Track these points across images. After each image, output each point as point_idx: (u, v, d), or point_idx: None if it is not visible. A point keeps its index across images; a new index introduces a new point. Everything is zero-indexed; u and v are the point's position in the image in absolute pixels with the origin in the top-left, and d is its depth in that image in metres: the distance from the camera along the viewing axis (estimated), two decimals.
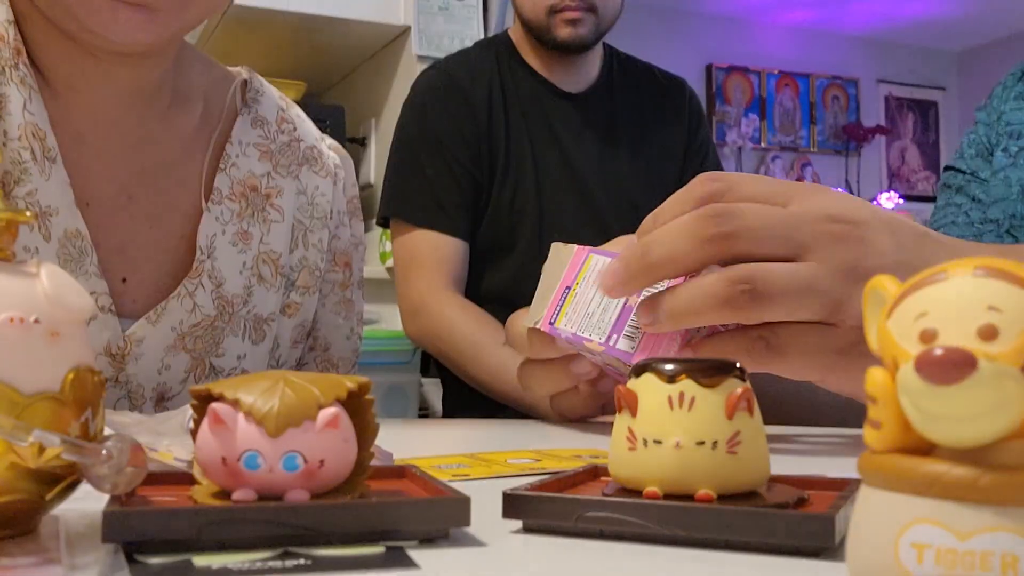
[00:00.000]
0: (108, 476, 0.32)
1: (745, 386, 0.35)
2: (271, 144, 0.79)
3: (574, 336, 0.61)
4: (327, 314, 0.83)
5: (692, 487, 0.34)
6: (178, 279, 0.71)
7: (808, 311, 0.53)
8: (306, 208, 0.80)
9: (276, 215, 0.77)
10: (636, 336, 0.59)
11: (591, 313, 0.61)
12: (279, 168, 0.78)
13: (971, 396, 0.21)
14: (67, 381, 0.33)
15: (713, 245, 0.53)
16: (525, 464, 0.53)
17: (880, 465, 0.23)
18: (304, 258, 0.79)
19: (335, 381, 0.34)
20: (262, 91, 0.81)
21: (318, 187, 0.81)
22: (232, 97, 0.79)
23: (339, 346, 0.84)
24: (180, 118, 0.75)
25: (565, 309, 0.63)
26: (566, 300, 0.63)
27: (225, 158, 0.75)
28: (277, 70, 2.25)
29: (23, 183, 0.65)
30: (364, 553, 0.31)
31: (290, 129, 0.81)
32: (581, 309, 0.62)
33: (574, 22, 1.32)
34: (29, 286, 0.33)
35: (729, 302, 0.52)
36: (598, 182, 1.38)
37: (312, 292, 0.80)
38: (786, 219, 0.54)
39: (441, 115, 1.35)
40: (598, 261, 0.63)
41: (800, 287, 0.52)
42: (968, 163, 1.12)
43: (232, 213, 0.74)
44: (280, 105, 0.82)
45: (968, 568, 0.21)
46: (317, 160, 0.82)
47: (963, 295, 0.22)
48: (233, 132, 0.77)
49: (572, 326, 0.62)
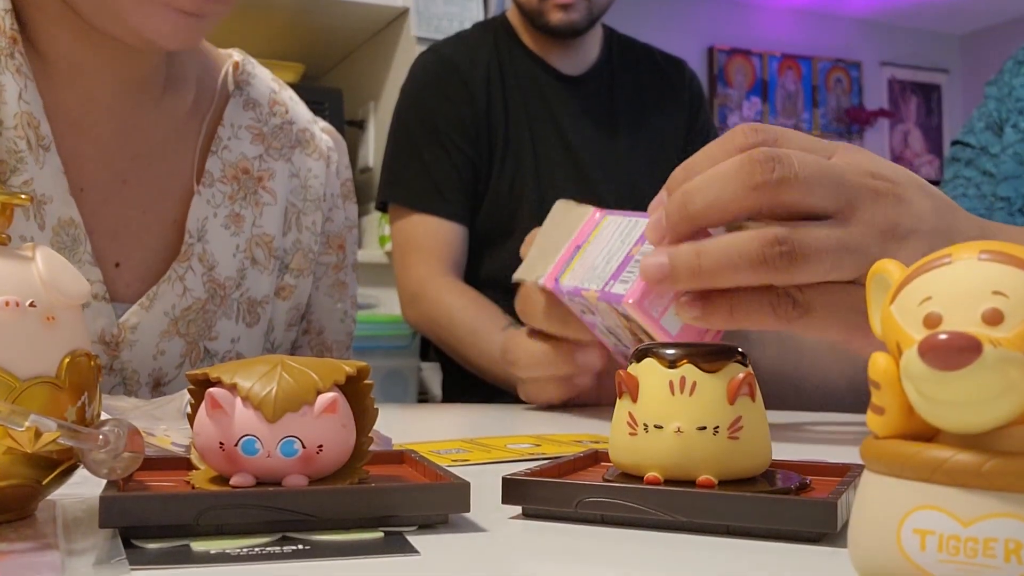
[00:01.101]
0: (105, 461, 0.32)
1: (747, 371, 0.34)
2: (263, 127, 0.79)
3: (575, 290, 0.61)
4: (321, 297, 0.83)
5: (693, 473, 0.34)
6: (170, 263, 0.72)
7: (843, 272, 0.51)
8: (299, 191, 0.80)
9: (268, 198, 0.77)
10: (631, 282, 0.58)
11: (596, 266, 0.61)
12: (271, 151, 0.78)
13: (975, 381, 0.21)
14: (63, 365, 0.33)
15: (762, 192, 0.51)
16: (525, 449, 0.53)
17: (883, 451, 0.23)
18: (298, 241, 0.79)
19: (333, 366, 0.34)
20: (254, 73, 0.81)
21: (311, 169, 0.81)
22: (224, 80, 0.79)
23: (333, 329, 0.85)
24: (173, 102, 0.75)
25: (572, 266, 0.63)
26: (574, 258, 0.63)
27: (217, 141, 0.76)
28: (275, 52, 2.24)
29: (19, 172, 0.65)
30: (363, 538, 0.31)
31: (282, 111, 0.81)
32: (587, 264, 0.61)
33: (566, 7, 1.31)
34: (25, 270, 0.33)
35: (765, 263, 0.50)
36: (597, 165, 1.37)
37: (306, 275, 0.80)
38: (834, 170, 0.52)
39: (438, 99, 1.34)
40: (613, 222, 0.63)
41: (837, 249, 0.50)
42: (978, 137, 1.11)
43: (224, 196, 0.74)
44: (272, 87, 0.82)
45: (971, 555, 0.21)
46: (310, 142, 0.82)
47: (968, 279, 0.22)
48: (225, 115, 0.77)
49: (575, 281, 0.61)
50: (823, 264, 0.51)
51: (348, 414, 0.34)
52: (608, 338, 0.65)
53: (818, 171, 0.51)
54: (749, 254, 0.51)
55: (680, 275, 0.53)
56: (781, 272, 0.51)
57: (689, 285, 0.53)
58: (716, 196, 0.52)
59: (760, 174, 0.50)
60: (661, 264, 0.53)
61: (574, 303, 0.63)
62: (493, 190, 1.33)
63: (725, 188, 0.52)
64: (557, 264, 0.64)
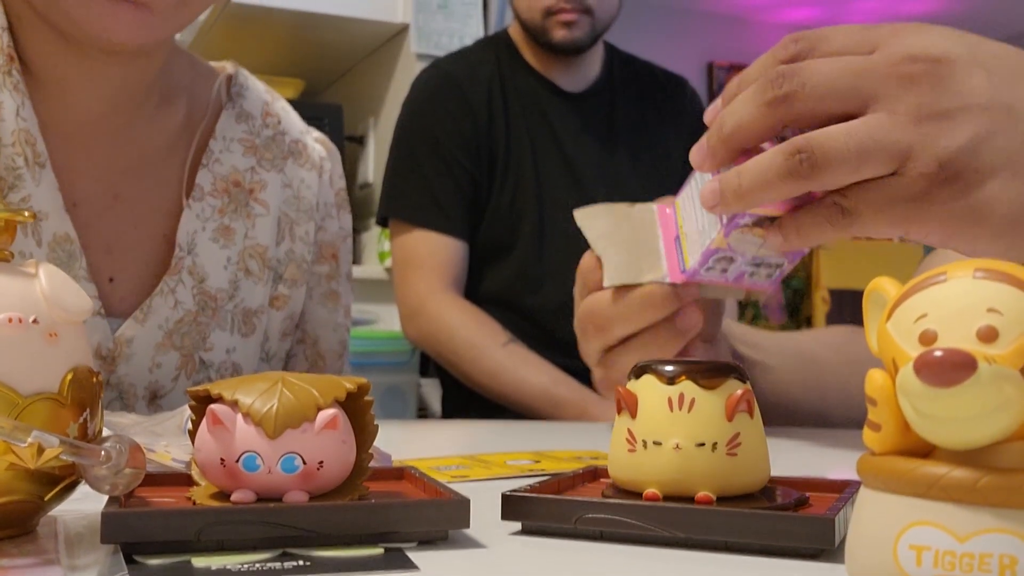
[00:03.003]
0: (107, 477, 0.32)
1: (745, 387, 0.35)
2: (256, 138, 0.79)
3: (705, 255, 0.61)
4: (314, 306, 0.84)
5: (692, 489, 0.34)
6: (162, 277, 0.72)
7: (873, 166, 0.51)
8: (292, 201, 0.81)
9: (261, 209, 0.78)
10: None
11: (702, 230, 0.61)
12: (264, 162, 0.79)
13: (970, 398, 0.21)
14: (66, 382, 0.33)
15: (774, 108, 0.52)
16: (524, 465, 0.53)
17: (879, 467, 0.23)
18: (291, 251, 0.80)
19: (334, 382, 0.34)
20: (247, 85, 0.82)
21: (303, 180, 0.82)
22: (217, 92, 0.79)
23: (326, 338, 0.85)
24: (165, 116, 0.76)
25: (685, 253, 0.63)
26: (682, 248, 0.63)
27: (208, 154, 0.76)
28: (275, 68, 2.25)
29: (17, 189, 0.66)
30: (363, 555, 0.31)
31: (275, 123, 0.81)
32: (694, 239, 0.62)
33: (569, 24, 1.32)
34: (28, 286, 0.33)
35: (792, 173, 0.51)
36: (598, 182, 1.37)
37: (300, 284, 0.81)
38: (854, 69, 0.52)
39: (440, 114, 1.34)
40: (684, 199, 0.63)
41: (860, 145, 0.50)
42: None
43: (213, 209, 0.75)
44: (265, 99, 0.83)
45: (967, 570, 0.21)
46: (302, 153, 0.83)
47: (963, 297, 0.22)
48: (217, 127, 0.77)
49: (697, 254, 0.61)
50: (848, 162, 0.50)
51: (348, 430, 0.34)
52: (757, 276, 0.63)
53: (831, 76, 0.52)
54: (777, 167, 0.52)
55: (728, 197, 0.54)
56: (808, 178, 0.51)
57: (737, 206, 0.55)
58: (740, 118, 0.54)
59: (771, 90, 0.52)
60: (712, 189, 0.55)
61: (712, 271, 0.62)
62: (494, 206, 1.34)
63: (746, 109, 0.53)
64: (669, 261, 0.64)
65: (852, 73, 0.52)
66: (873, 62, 0.51)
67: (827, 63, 0.52)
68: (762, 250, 0.60)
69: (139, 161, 0.74)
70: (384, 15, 2.08)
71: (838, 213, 0.53)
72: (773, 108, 0.52)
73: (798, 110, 0.52)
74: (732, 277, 0.63)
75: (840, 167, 0.51)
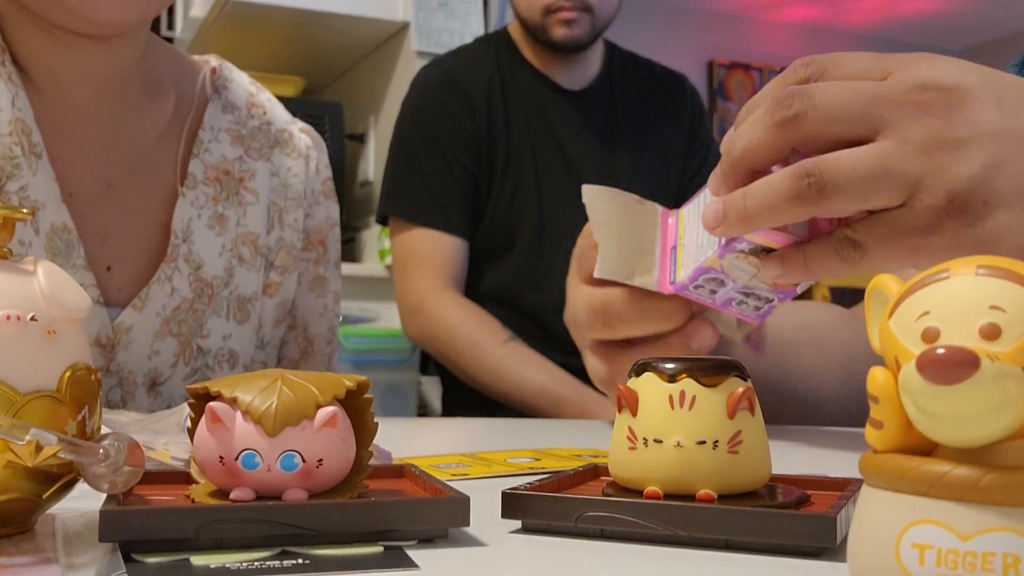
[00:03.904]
0: (105, 475, 0.32)
1: (746, 385, 0.35)
2: (242, 128, 0.81)
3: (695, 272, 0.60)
4: (302, 292, 0.85)
5: (693, 487, 0.34)
6: (158, 265, 0.73)
7: (882, 196, 0.50)
8: (280, 189, 0.82)
9: (251, 197, 0.79)
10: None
11: (700, 244, 0.60)
12: (251, 151, 0.81)
13: (973, 396, 0.21)
14: (64, 379, 0.33)
15: (782, 130, 0.51)
16: (524, 463, 0.53)
17: (881, 465, 0.23)
18: (281, 238, 0.82)
19: (333, 380, 0.34)
20: (231, 78, 0.84)
21: (290, 168, 0.83)
22: (202, 85, 0.81)
23: (314, 323, 0.86)
24: (154, 107, 0.77)
25: (678, 265, 0.62)
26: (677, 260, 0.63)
27: (198, 144, 0.78)
28: (275, 66, 2.25)
29: (15, 178, 0.67)
30: (362, 553, 0.31)
31: (260, 113, 0.83)
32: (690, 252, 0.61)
33: (569, 22, 1.32)
34: (26, 284, 0.33)
35: (798, 197, 0.50)
36: (598, 180, 1.37)
37: (290, 271, 0.82)
38: (865, 94, 0.51)
39: (440, 113, 1.34)
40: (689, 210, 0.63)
41: (869, 172, 0.50)
42: None
43: (207, 197, 0.77)
44: (250, 91, 0.84)
45: (969, 569, 0.21)
46: (288, 142, 0.84)
47: (965, 294, 0.22)
48: (205, 118, 0.79)
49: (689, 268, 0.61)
50: (856, 190, 0.50)
51: (348, 428, 0.34)
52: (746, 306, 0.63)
53: (841, 99, 0.51)
54: (783, 190, 0.51)
55: (731, 218, 0.54)
56: (815, 204, 0.50)
57: (740, 228, 0.54)
58: (749, 140, 0.53)
59: (780, 111, 0.51)
60: (716, 210, 0.54)
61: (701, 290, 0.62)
62: (494, 204, 1.34)
63: (755, 130, 0.53)
64: (661, 270, 0.63)
65: (863, 98, 0.51)
66: (884, 88, 0.51)
67: (838, 86, 0.52)
68: (754, 280, 0.59)
69: (131, 152, 0.75)
70: (385, 13, 2.08)
71: (848, 246, 0.52)
72: (782, 129, 0.51)
73: (807, 131, 0.51)
74: (720, 301, 0.62)
75: (848, 194, 0.50)
